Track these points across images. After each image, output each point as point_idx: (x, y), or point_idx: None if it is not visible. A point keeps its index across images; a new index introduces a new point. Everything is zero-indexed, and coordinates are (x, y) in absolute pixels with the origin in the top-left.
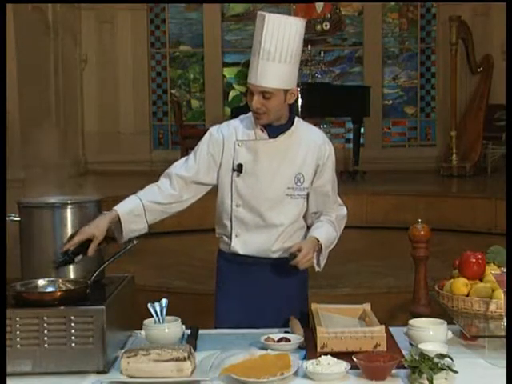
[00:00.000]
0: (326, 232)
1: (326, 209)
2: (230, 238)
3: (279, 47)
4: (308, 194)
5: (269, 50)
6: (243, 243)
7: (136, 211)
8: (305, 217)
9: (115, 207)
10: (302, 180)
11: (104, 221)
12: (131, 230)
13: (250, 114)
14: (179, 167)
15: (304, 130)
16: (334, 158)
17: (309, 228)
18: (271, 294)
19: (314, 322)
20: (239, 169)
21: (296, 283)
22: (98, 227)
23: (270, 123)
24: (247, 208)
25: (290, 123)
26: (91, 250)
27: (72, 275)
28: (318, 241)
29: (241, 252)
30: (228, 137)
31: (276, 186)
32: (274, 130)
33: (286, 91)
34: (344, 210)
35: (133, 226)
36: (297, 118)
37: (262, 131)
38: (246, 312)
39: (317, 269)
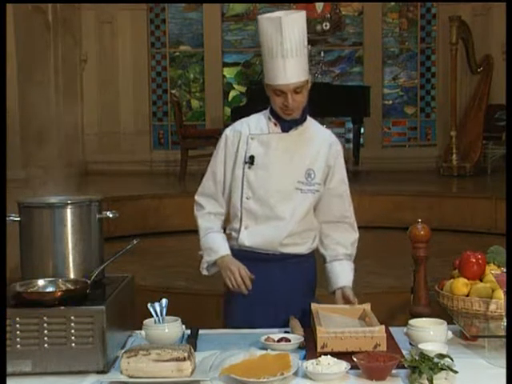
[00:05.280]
0: (349, 271)
1: (339, 215)
2: (239, 231)
3: (296, 42)
4: (320, 195)
5: (290, 48)
6: (251, 235)
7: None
8: (316, 220)
9: (222, 253)
10: (312, 176)
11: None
12: None
13: (264, 111)
14: (211, 192)
15: (315, 128)
16: (343, 160)
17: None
18: (278, 291)
19: (313, 322)
20: (251, 161)
21: (303, 281)
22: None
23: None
24: (257, 200)
25: (302, 118)
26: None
27: (72, 275)
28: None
29: (247, 244)
30: (242, 132)
31: (286, 179)
32: (287, 125)
33: (307, 80)
34: (356, 235)
35: None
36: (308, 116)
37: (275, 125)
38: (256, 309)
39: None
